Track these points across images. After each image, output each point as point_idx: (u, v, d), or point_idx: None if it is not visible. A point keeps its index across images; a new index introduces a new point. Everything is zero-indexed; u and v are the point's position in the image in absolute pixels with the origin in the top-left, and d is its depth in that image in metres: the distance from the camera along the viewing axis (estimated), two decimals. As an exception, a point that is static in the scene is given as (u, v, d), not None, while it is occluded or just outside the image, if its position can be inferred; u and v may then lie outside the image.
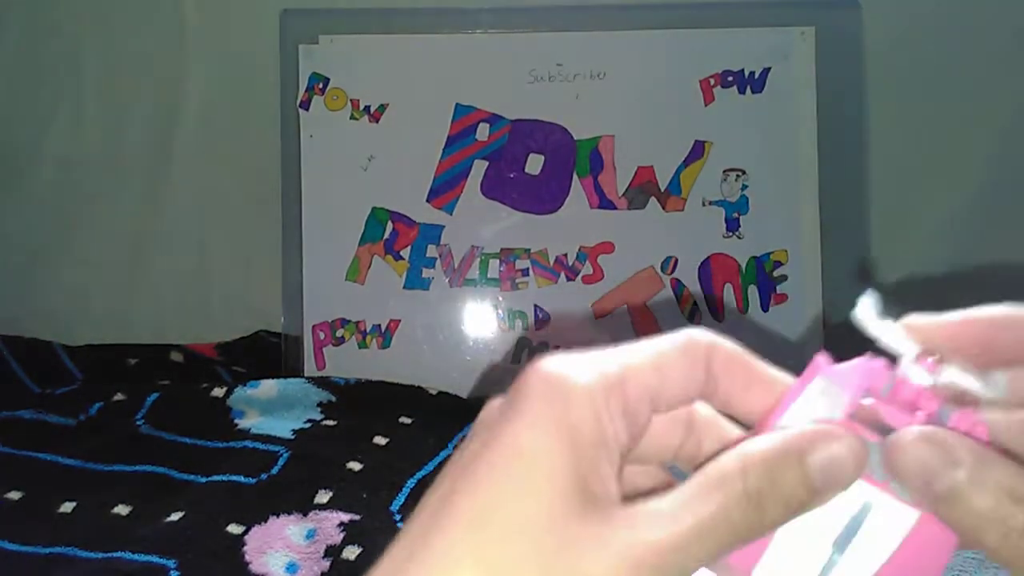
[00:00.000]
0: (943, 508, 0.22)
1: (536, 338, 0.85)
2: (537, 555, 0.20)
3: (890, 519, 0.23)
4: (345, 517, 0.57)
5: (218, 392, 0.72)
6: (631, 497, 0.22)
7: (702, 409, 0.26)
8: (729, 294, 0.85)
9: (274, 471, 0.63)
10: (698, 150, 0.85)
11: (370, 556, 0.54)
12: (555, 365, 0.23)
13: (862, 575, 0.22)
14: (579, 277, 0.85)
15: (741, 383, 0.25)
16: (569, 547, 0.20)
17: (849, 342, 0.26)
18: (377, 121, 0.85)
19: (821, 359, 0.25)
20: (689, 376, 0.24)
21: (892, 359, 0.25)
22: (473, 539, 0.21)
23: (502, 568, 0.20)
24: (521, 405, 0.22)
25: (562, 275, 0.85)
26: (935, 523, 0.22)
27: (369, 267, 0.85)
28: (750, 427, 0.25)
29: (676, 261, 0.85)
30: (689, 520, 0.21)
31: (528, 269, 0.85)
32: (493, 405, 0.24)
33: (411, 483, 0.62)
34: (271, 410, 0.71)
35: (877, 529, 0.23)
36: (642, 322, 0.85)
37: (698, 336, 0.25)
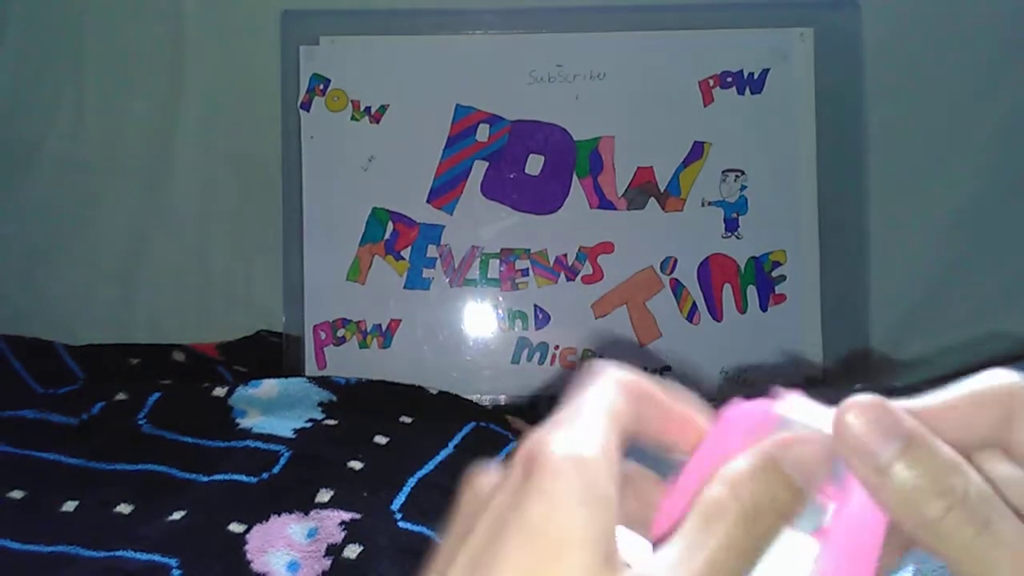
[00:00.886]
0: (873, 481, 0.22)
1: (536, 338, 0.85)
2: None
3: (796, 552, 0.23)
4: (346, 516, 0.57)
5: (219, 392, 0.72)
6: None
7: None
8: (728, 294, 0.85)
9: (275, 470, 0.63)
10: (697, 151, 0.85)
11: (371, 555, 0.54)
12: (565, 439, 0.22)
13: None
14: (579, 277, 0.85)
15: (659, 421, 0.25)
16: None
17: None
18: (378, 122, 0.85)
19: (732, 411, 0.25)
20: (631, 421, 0.24)
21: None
22: None
23: None
24: (542, 481, 0.22)
25: (562, 275, 0.85)
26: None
27: (370, 267, 0.85)
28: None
29: (675, 261, 0.85)
30: (700, 558, 0.21)
31: (528, 269, 0.85)
32: (483, 480, 0.24)
33: (411, 482, 0.62)
34: (272, 409, 0.72)
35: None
36: (641, 322, 0.85)
37: (629, 383, 0.25)
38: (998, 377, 0.24)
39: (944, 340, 0.86)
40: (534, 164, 0.85)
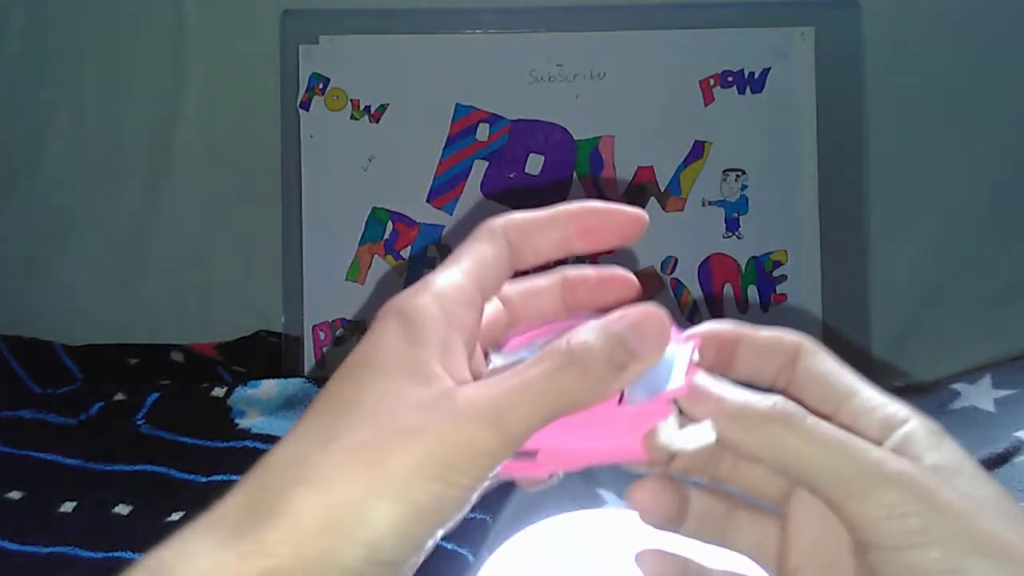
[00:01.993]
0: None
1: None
2: (382, 424, 0.24)
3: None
4: (345, 517, 0.57)
5: (218, 392, 0.72)
6: None
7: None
8: (729, 294, 0.85)
9: (274, 471, 0.63)
10: (698, 150, 0.85)
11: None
12: (396, 297, 0.28)
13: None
14: (579, 277, 0.85)
15: (534, 233, 0.31)
16: (408, 411, 0.24)
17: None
18: (377, 121, 0.85)
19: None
20: (498, 259, 0.29)
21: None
22: (344, 422, 0.25)
23: (364, 441, 0.24)
24: (373, 327, 0.27)
25: (562, 275, 0.85)
26: None
27: (369, 267, 0.85)
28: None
29: (676, 261, 0.85)
30: (515, 380, 0.25)
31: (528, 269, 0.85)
32: None
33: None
34: (272, 410, 0.71)
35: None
36: (642, 322, 0.85)
37: (489, 223, 0.30)
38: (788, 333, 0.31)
39: (945, 340, 0.86)
40: (534, 164, 0.85)
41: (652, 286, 0.85)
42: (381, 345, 0.26)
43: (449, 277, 0.28)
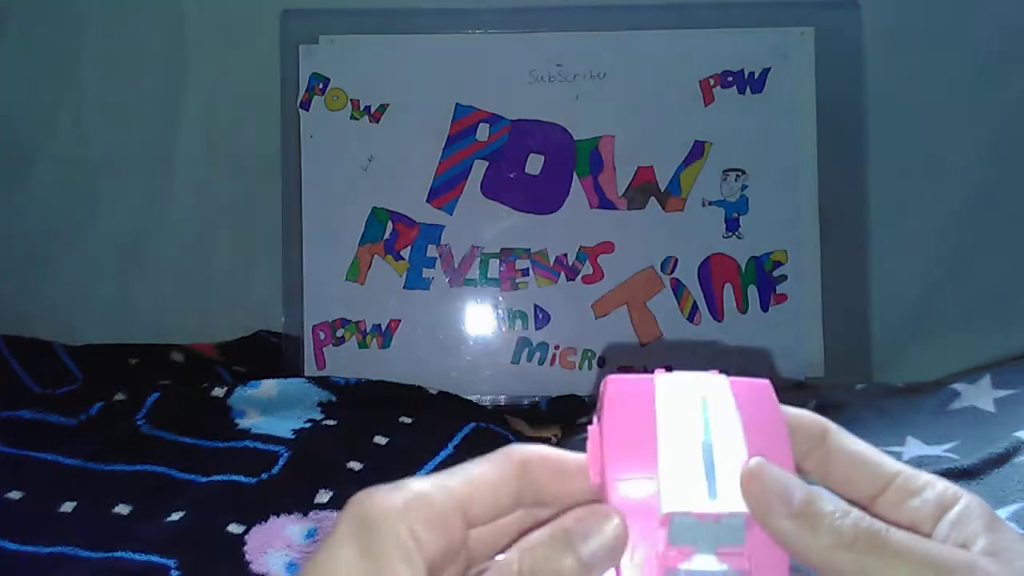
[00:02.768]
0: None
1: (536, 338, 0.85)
2: None
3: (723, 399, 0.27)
4: (345, 517, 0.57)
5: (218, 392, 0.72)
6: None
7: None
8: (729, 294, 0.85)
9: (274, 471, 0.63)
10: (698, 150, 0.85)
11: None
12: (364, 493, 0.25)
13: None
14: (579, 277, 0.85)
15: (551, 478, 0.27)
16: None
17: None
18: (377, 121, 0.85)
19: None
20: (500, 486, 0.26)
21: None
22: None
23: None
24: (333, 531, 0.25)
25: (562, 275, 0.85)
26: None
27: (369, 267, 0.85)
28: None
29: (676, 261, 0.85)
30: None
31: (528, 269, 0.85)
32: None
33: (411, 483, 0.62)
34: (271, 410, 0.71)
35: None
36: (642, 322, 0.85)
37: (511, 449, 0.27)
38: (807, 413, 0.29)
39: (944, 340, 0.86)
40: (534, 163, 0.85)
41: (652, 286, 0.85)
42: (334, 561, 0.24)
43: (428, 488, 0.25)
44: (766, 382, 0.27)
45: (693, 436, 0.26)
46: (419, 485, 0.25)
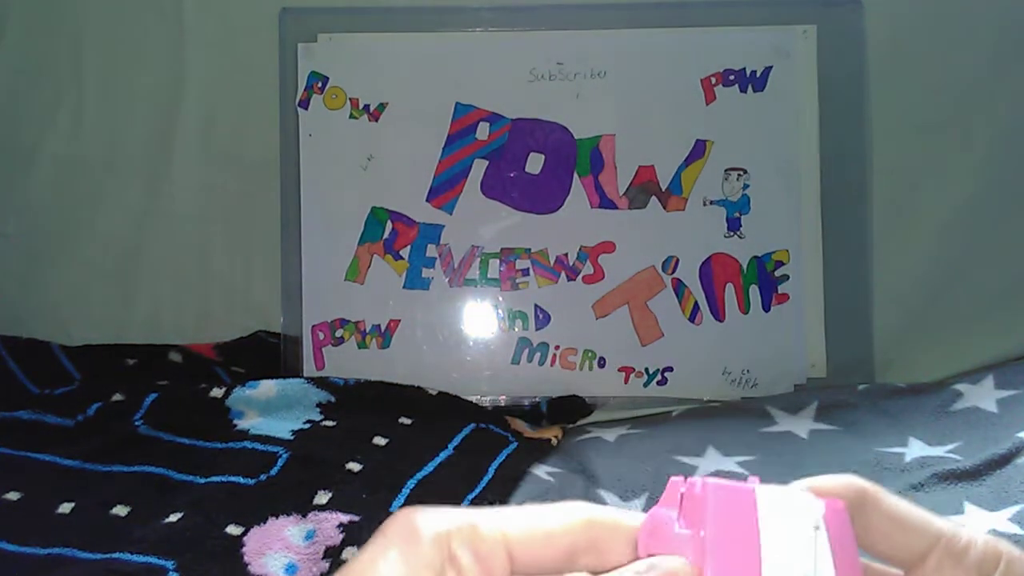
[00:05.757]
0: None
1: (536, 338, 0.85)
2: None
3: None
4: (344, 518, 0.57)
5: (217, 392, 0.72)
6: None
7: None
8: (730, 294, 0.84)
9: (273, 472, 0.63)
10: (699, 149, 0.84)
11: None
12: (413, 508, 0.25)
13: None
14: (579, 277, 0.84)
15: (613, 540, 0.26)
16: None
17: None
18: (376, 120, 0.85)
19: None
20: (558, 536, 0.26)
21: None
22: None
23: None
24: (378, 542, 0.25)
25: (562, 275, 0.85)
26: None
27: (369, 267, 0.85)
28: None
29: (677, 261, 0.84)
30: None
31: (528, 269, 0.85)
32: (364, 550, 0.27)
33: (411, 484, 0.62)
34: (270, 410, 0.71)
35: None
36: (643, 322, 0.85)
37: (579, 504, 0.26)
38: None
39: (947, 340, 0.86)
40: (534, 163, 0.85)
41: (653, 286, 0.85)
42: (374, 568, 0.24)
43: (479, 519, 0.25)
44: (843, 504, 0.27)
45: (796, 570, 0.25)
46: (471, 513, 0.25)
